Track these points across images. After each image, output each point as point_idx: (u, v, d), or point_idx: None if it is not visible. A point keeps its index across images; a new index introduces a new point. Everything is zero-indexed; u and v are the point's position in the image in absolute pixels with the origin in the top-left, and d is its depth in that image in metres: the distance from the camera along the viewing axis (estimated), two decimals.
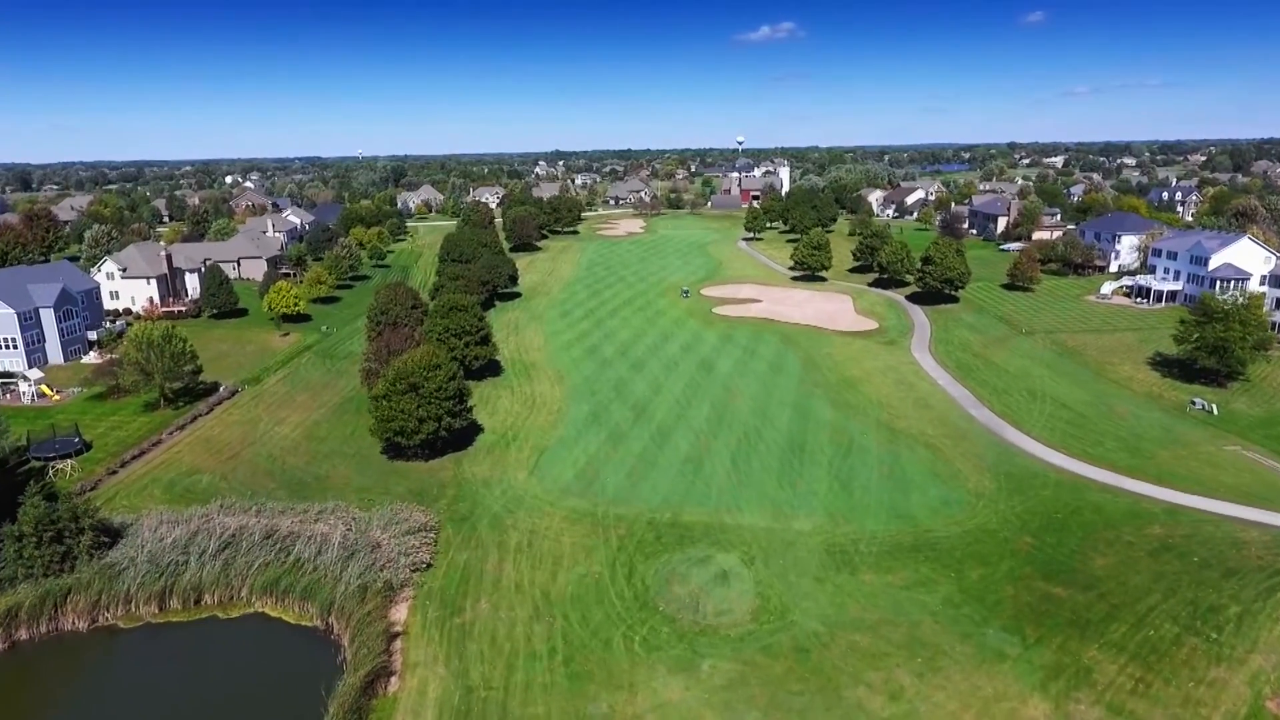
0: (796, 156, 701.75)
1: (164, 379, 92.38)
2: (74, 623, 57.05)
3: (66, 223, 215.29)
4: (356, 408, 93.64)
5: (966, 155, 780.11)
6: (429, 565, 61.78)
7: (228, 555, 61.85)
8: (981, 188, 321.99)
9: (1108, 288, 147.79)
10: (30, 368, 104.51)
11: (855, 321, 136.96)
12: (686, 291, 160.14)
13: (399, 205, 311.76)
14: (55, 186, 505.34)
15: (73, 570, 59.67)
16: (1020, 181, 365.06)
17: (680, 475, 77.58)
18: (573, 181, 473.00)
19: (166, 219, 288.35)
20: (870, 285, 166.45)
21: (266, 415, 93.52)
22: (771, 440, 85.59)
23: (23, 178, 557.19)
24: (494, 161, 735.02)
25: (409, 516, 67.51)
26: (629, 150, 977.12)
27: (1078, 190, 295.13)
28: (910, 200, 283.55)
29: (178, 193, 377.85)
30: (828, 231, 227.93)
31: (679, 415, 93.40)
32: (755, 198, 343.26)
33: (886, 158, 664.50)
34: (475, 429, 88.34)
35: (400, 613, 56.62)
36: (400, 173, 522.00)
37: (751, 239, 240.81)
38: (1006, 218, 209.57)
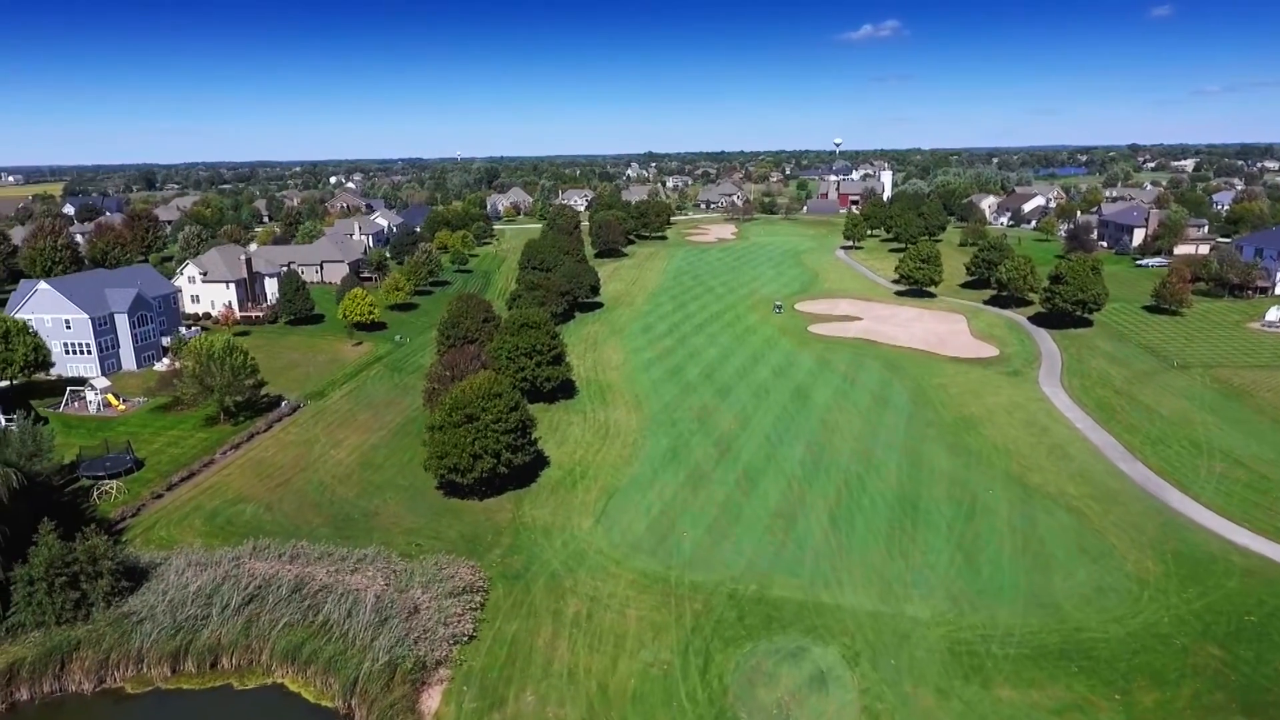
0: (897, 159, 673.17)
1: (223, 393, 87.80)
2: (79, 683, 51.09)
3: (168, 223, 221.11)
4: (417, 430, 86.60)
5: (1083, 158, 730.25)
6: (471, 638, 53.08)
7: (251, 610, 54.93)
8: (1107, 194, 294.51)
9: (1275, 313, 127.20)
10: (103, 374, 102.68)
11: (971, 346, 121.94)
12: (779, 306, 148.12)
13: (487, 208, 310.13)
14: (176, 186, 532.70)
15: (88, 618, 53.99)
16: (1150, 187, 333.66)
17: (769, 534, 66.57)
18: (663, 184, 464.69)
19: (266, 219, 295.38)
20: (986, 303, 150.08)
21: (324, 435, 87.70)
22: (877, 493, 73.41)
23: (148, 177, 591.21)
24: (586, 163, 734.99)
25: (455, 573, 59.17)
26: (722, 152, 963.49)
27: (1224, 198, 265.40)
28: (1028, 208, 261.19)
29: (281, 193, 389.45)
30: (935, 241, 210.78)
31: (769, 455, 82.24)
32: (854, 203, 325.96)
33: (995, 160, 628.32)
34: (540, 461, 79.79)
35: (432, 700, 48.07)
36: (494, 174, 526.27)
37: (851, 248, 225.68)
38: (1144, 229, 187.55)
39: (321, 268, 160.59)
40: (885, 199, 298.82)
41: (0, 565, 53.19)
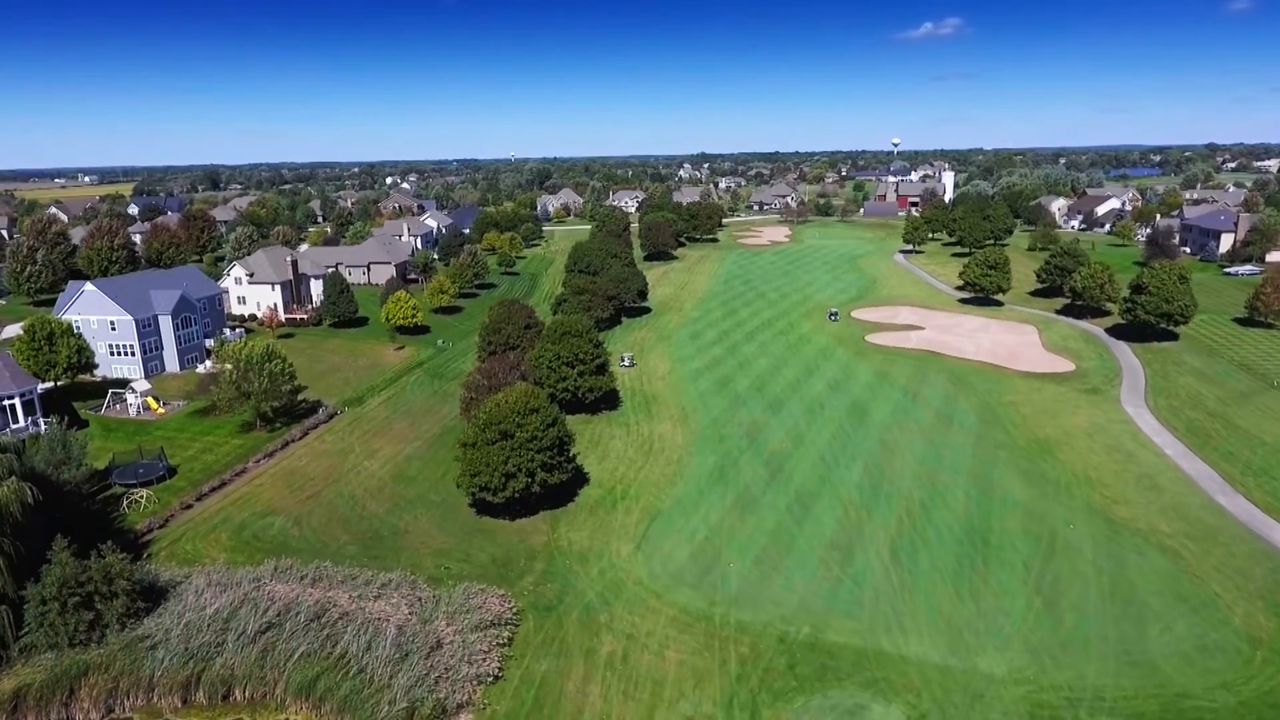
0: (958, 159, 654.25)
1: (259, 400, 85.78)
2: (87, 711, 48.35)
3: (223, 223, 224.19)
4: (454, 441, 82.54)
5: (1157, 158, 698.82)
6: (497, 678, 48.93)
7: (268, 639, 51.68)
8: (1187, 197, 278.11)
9: None
10: (147, 376, 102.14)
11: (1043, 360, 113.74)
12: (835, 313, 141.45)
13: (537, 209, 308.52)
14: (238, 186, 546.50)
15: (101, 640, 51.40)
16: (1234, 189, 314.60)
17: (824, 568, 61.01)
18: (716, 185, 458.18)
19: (320, 219, 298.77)
20: (1059, 313, 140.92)
21: (359, 445, 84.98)
22: (943, 524, 67.15)
23: (212, 178, 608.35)
24: (638, 164, 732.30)
25: (483, 603, 55.19)
26: (776, 152, 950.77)
27: None
28: (1101, 210, 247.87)
29: (338, 194, 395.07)
30: (1001, 245, 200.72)
31: (823, 477, 76.50)
32: (914, 205, 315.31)
33: (1062, 160, 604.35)
34: (579, 478, 75.56)
35: None
36: (546, 175, 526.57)
37: (910, 252, 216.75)
38: (1232, 234, 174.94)
39: (368, 269, 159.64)
40: (947, 201, 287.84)
41: (12, 583, 50.96)
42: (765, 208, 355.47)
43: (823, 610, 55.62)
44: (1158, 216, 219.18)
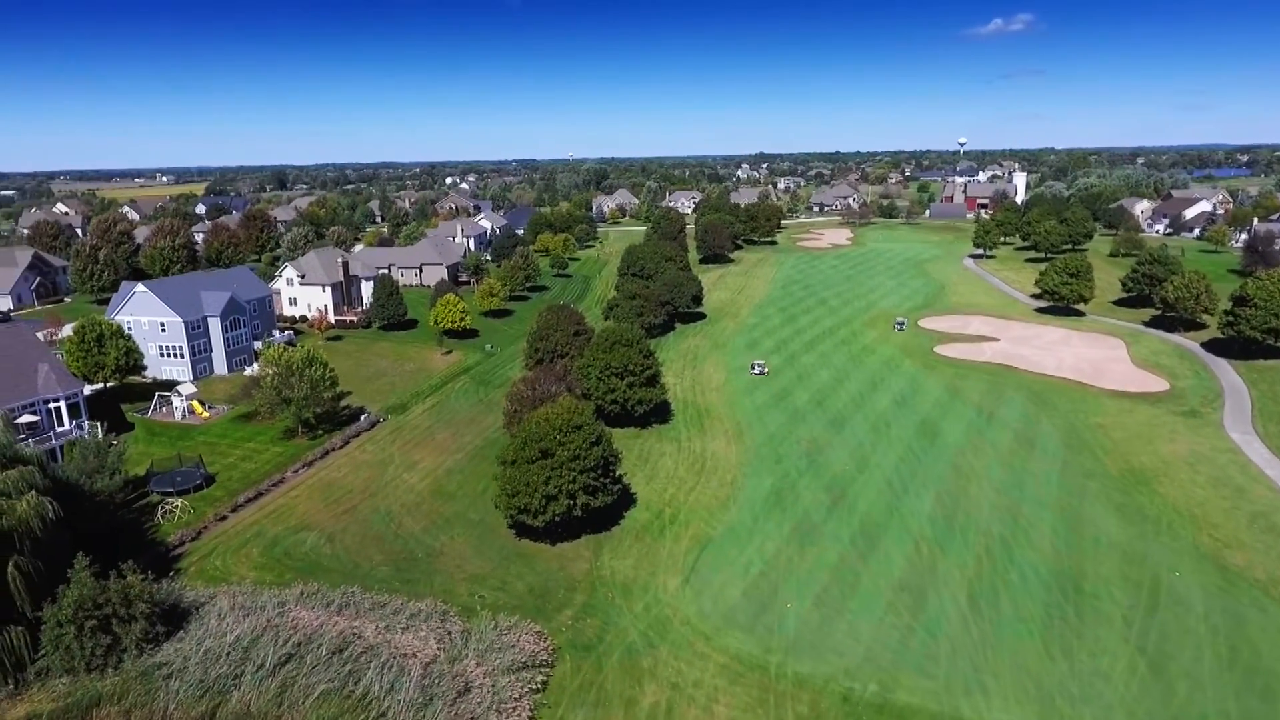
0: (1028, 159, 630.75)
1: (300, 407, 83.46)
2: None
3: (282, 223, 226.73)
4: (496, 454, 79.22)
5: (1244, 158, 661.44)
6: None
7: (288, 672, 48.28)
8: None
9: None
10: (195, 378, 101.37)
11: (1133, 377, 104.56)
12: (901, 323, 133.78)
13: (592, 210, 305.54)
14: (304, 186, 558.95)
15: (118, 666, 48.74)
16: None
17: (893, 613, 54.98)
18: (774, 186, 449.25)
19: (379, 219, 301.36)
20: (1147, 325, 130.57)
21: (399, 456, 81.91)
22: (1028, 565, 60.33)
23: (280, 178, 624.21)
24: (695, 164, 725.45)
25: (517, 640, 50.91)
26: (837, 152, 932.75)
27: None
28: (1190, 214, 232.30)
29: (398, 194, 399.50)
30: (1080, 250, 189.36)
31: (891, 507, 70.19)
32: (983, 206, 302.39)
33: (1141, 160, 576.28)
34: (626, 499, 70.91)
35: None
36: (603, 175, 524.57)
37: (981, 257, 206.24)
38: None
39: (420, 271, 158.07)
40: (1019, 203, 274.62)
41: (30, 603, 48.66)
42: (826, 209, 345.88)
43: (892, 664, 49.73)
44: (1255, 220, 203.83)
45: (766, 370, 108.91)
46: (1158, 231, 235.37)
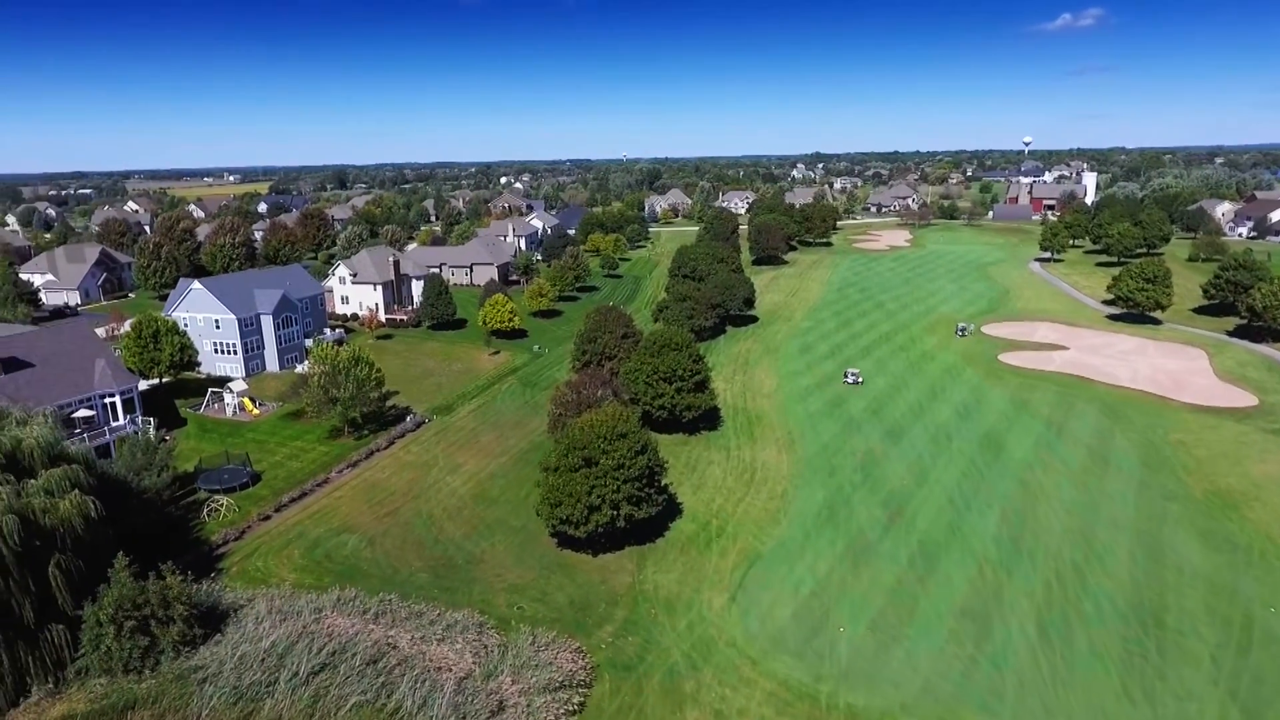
0: (1097, 159, 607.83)
1: (346, 406, 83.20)
2: None
3: (338, 221, 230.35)
4: (540, 458, 77.61)
5: None
6: None
7: (321, 682, 47.21)
8: None
9: None
10: (248, 375, 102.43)
11: (1217, 391, 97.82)
12: (964, 328, 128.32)
13: (645, 210, 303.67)
14: (363, 185, 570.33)
15: (155, 667, 48.37)
16: None
17: (954, 641, 51.38)
18: (830, 186, 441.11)
19: (433, 218, 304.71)
20: (1231, 335, 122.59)
21: (443, 458, 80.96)
22: (1104, 595, 55.95)
23: (340, 177, 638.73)
24: (750, 164, 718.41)
25: (555, 658, 48.93)
26: (895, 152, 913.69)
27: None
28: (1276, 216, 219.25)
29: (453, 194, 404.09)
30: (1155, 254, 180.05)
31: (952, 526, 66.25)
32: (1050, 208, 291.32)
33: (1219, 160, 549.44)
34: (672, 509, 68.48)
35: None
36: (655, 175, 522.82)
37: (1048, 260, 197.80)
38: None
39: (471, 270, 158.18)
40: (1089, 204, 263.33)
41: (70, 602, 48.56)
42: (884, 210, 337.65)
43: (953, 698, 46.27)
44: None
45: (861, 380, 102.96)
46: (1240, 235, 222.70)
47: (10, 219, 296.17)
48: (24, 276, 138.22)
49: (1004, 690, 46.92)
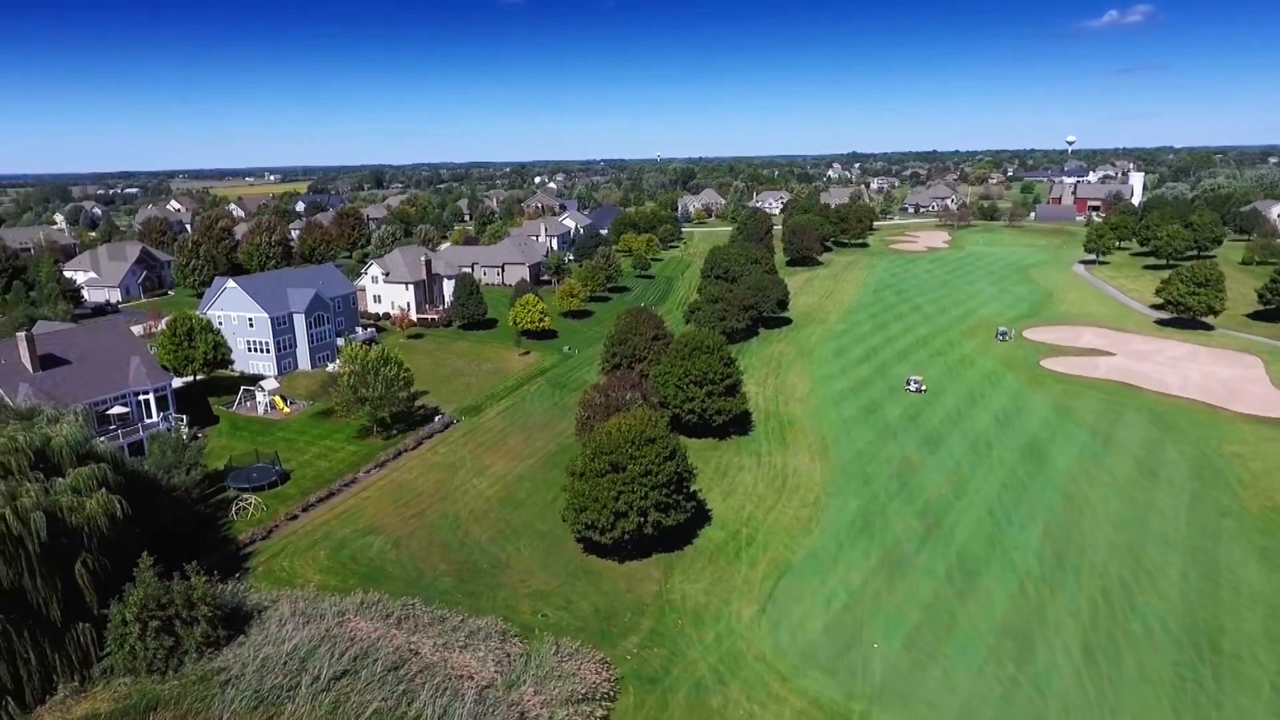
0: (1144, 158, 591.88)
1: (375, 406, 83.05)
2: None
3: (373, 220, 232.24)
4: (567, 461, 76.71)
5: None
6: None
7: (342, 688, 46.58)
8: None
9: None
10: (280, 373, 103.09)
11: (1274, 400, 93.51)
12: (1004, 333, 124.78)
13: (678, 210, 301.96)
14: (399, 185, 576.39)
15: (178, 668, 48.20)
16: None
17: (994, 661, 49.19)
18: (867, 186, 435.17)
19: (467, 218, 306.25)
20: None
21: (470, 459, 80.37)
22: (1154, 616, 53.25)
23: (377, 177, 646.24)
24: (785, 164, 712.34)
25: (578, 668, 47.78)
26: (934, 151, 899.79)
27: None
28: None
29: (487, 193, 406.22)
30: (1207, 257, 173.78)
31: (992, 539, 63.81)
32: (1094, 209, 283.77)
33: (1274, 159, 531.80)
34: (701, 516, 67.01)
35: None
36: (689, 175, 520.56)
37: (1093, 262, 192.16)
38: None
39: (503, 270, 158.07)
40: (1136, 205, 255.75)
41: (96, 600, 48.58)
42: (922, 210, 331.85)
43: None
44: None
45: (925, 388, 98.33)
46: None
47: (59, 217, 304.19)
48: (68, 274, 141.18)
49: (1047, 715, 44.69)
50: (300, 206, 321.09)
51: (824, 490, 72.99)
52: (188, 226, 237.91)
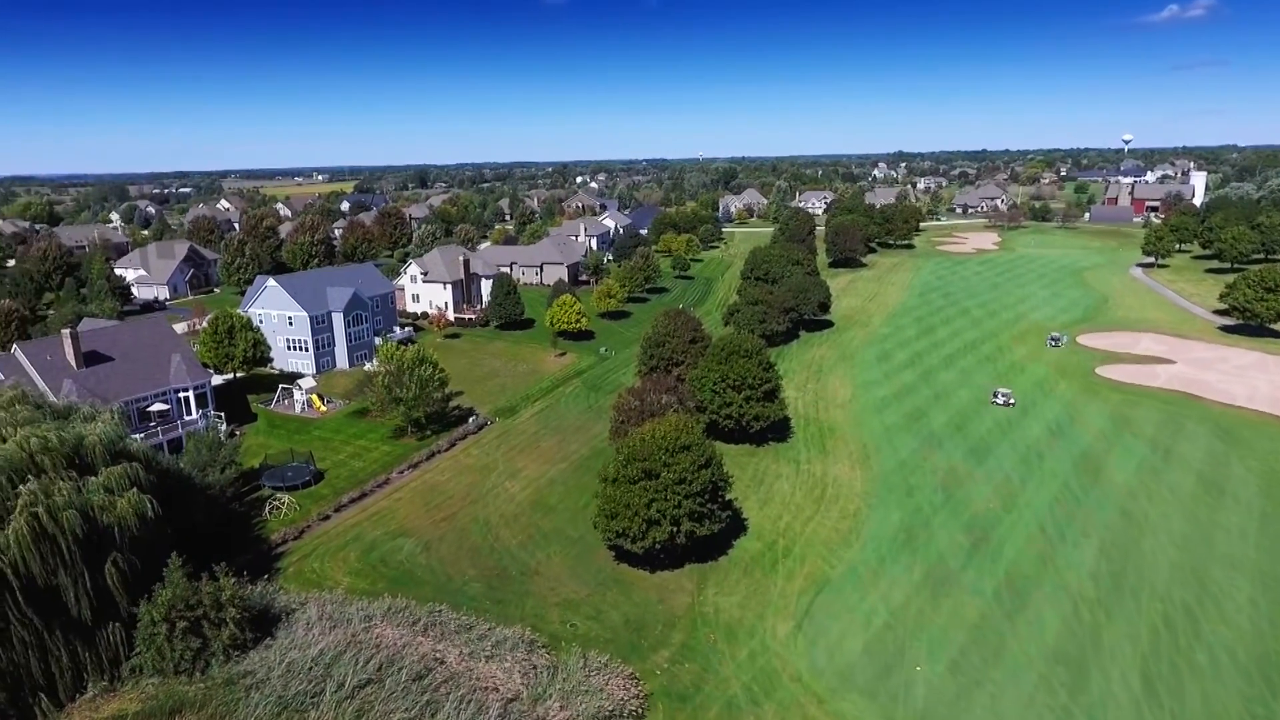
0: (1205, 158, 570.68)
1: (409, 407, 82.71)
2: None
3: (415, 220, 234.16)
4: (600, 465, 75.46)
5: None
6: None
7: (366, 696, 45.77)
8: None
9: None
10: (318, 372, 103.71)
11: None
12: (1057, 338, 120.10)
13: (719, 210, 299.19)
14: (443, 185, 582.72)
15: (205, 670, 47.92)
16: None
17: (1045, 689, 46.39)
18: (913, 186, 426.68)
19: (507, 217, 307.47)
20: None
21: (503, 462, 79.50)
22: (1220, 645, 49.81)
23: (422, 176, 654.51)
24: (829, 163, 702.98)
25: (606, 683, 46.28)
26: (983, 151, 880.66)
27: None
28: None
29: (529, 193, 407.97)
30: (1273, 260, 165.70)
31: (1044, 556, 60.67)
32: (1153, 209, 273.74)
33: None
34: (736, 525, 65.06)
35: None
36: (731, 175, 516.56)
37: (1151, 265, 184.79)
38: None
39: (541, 270, 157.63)
40: (1197, 205, 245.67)
41: (126, 600, 48.55)
42: (970, 211, 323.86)
43: None
44: None
45: (1013, 401, 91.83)
46: None
47: (114, 216, 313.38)
48: (118, 271, 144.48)
49: None
50: (345, 206, 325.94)
51: (865, 501, 70.42)
52: (235, 225, 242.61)
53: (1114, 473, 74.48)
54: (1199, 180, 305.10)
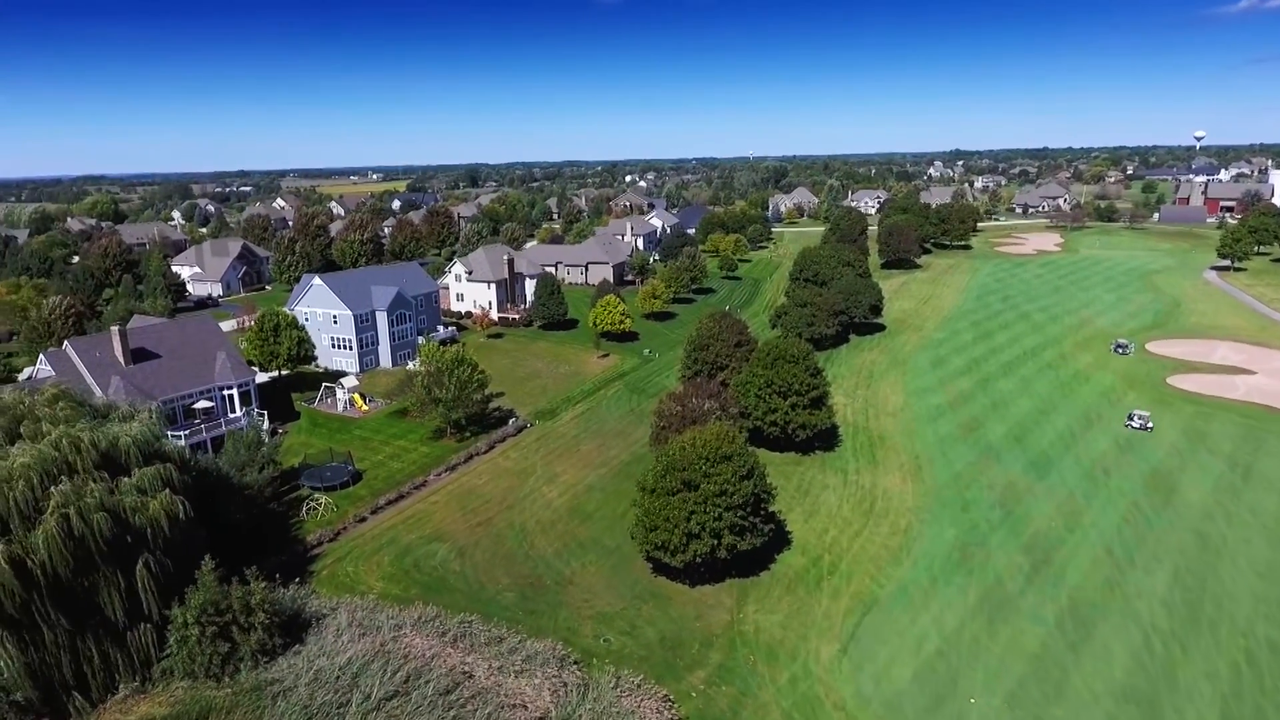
0: None
1: (448, 408, 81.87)
2: None
3: (463, 219, 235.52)
4: (640, 472, 73.33)
5: None
6: None
7: (392, 709, 44.58)
8: None
9: None
10: (361, 370, 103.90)
11: None
12: (1124, 345, 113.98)
13: (769, 209, 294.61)
14: (494, 184, 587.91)
15: (234, 675, 47.34)
16: None
17: None
18: (971, 185, 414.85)
19: (555, 216, 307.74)
20: None
21: (542, 466, 78.07)
22: None
23: (473, 175, 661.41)
24: (882, 162, 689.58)
25: (638, 705, 44.22)
26: (1044, 149, 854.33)
27: None
28: None
29: (577, 191, 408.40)
30: None
31: (1111, 582, 56.63)
32: (1227, 209, 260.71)
33: None
34: (780, 538, 62.39)
35: None
36: (781, 173, 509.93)
37: (1227, 269, 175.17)
38: None
39: (586, 269, 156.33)
40: (1277, 205, 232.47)
41: (158, 603, 48.21)
42: (1030, 211, 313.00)
43: None
44: None
45: (1150, 425, 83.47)
46: None
47: (175, 214, 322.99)
48: (175, 268, 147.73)
49: None
50: (395, 204, 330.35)
51: (916, 516, 67.00)
52: (289, 223, 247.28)
53: (1188, 492, 69.59)
54: (1278, 179, 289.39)
